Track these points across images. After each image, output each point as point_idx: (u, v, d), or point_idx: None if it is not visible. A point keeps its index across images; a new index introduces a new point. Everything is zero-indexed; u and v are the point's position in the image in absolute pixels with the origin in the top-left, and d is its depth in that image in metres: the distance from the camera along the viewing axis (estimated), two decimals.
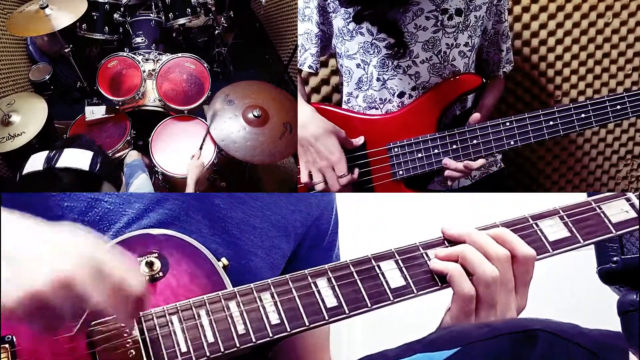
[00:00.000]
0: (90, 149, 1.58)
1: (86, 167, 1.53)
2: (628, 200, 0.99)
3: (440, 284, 0.89)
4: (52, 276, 0.66)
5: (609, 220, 0.97)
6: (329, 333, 1.19)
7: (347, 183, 1.45)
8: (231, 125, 2.15)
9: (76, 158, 1.54)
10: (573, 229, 0.95)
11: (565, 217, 0.96)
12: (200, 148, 2.14)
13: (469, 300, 0.86)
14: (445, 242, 0.93)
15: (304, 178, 1.46)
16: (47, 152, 1.53)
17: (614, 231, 0.96)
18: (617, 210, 0.97)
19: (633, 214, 0.97)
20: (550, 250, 0.93)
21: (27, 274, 0.66)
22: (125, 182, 1.86)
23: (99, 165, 1.55)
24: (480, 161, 1.43)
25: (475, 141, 1.46)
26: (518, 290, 0.88)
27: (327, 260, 1.08)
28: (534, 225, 0.95)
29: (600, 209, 0.98)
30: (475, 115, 1.45)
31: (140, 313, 0.81)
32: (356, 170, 1.47)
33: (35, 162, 1.53)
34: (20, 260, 0.67)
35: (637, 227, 0.96)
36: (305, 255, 1.10)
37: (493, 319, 0.86)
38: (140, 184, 1.81)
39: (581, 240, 0.95)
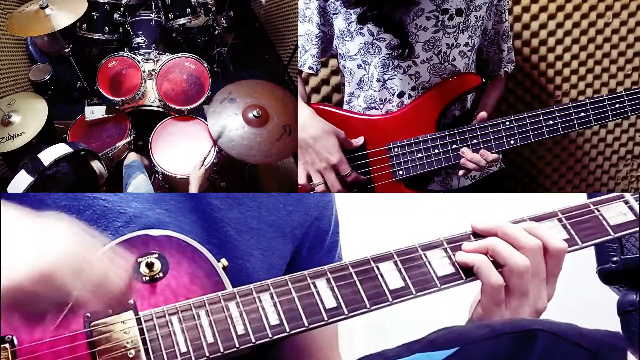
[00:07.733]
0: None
1: (70, 150, 1.58)
2: (626, 202, 0.99)
3: (439, 285, 0.89)
4: (32, 269, 0.69)
5: (608, 223, 0.97)
6: (337, 331, 1.19)
7: (353, 180, 1.45)
8: (230, 122, 2.15)
9: (55, 150, 1.58)
10: (572, 231, 0.95)
11: (563, 219, 0.96)
12: (204, 159, 2.08)
13: (498, 290, 0.87)
14: (471, 236, 0.93)
15: (301, 179, 1.46)
16: (22, 170, 1.56)
17: (612, 233, 0.97)
18: (615, 213, 0.98)
19: (631, 217, 0.98)
20: None
21: (8, 268, 0.69)
22: (124, 182, 1.87)
23: (76, 145, 1.61)
24: (495, 155, 1.43)
25: (475, 141, 1.46)
26: (548, 281, 0.89)
27: (330, 261, 1.08)
28: None
29: (598, 211, 0.98)
30: (482, 114, 1.46)
31: (140, 313, 0.81)
32: (353, 174, 1.47)
33: (22, 181, 1.54)
34: (3, 253, 0.70)
35: (635, 229, 0.97)
36: (307, 256, 1.10)
37: (527, 309, 0.87)
38: (139, 184, 1.81)
39: (579, 243, 0.95)
